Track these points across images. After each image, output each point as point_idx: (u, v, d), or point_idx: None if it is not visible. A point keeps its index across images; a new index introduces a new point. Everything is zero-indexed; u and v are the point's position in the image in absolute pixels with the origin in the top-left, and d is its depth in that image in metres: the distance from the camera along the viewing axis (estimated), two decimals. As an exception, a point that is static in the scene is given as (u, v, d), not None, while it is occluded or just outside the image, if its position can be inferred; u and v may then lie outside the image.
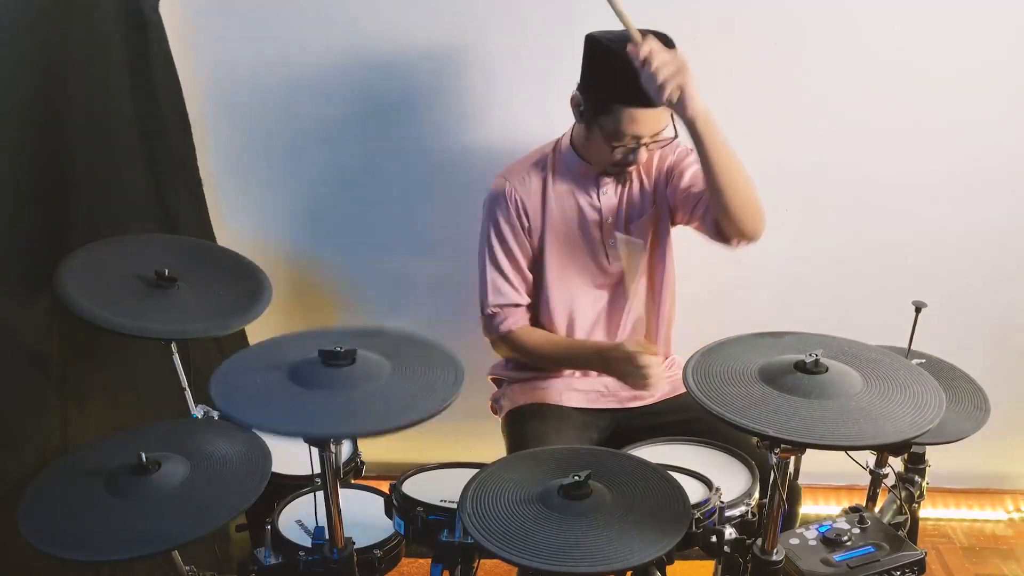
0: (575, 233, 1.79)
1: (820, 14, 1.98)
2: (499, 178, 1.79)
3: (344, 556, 1.32)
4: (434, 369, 1.29)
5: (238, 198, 2.19)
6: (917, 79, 2.03)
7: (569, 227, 1.79)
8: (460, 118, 2.10)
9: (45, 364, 1.65)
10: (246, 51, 2.04)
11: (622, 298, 1.84)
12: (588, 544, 1.13)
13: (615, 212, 1.79)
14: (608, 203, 1.78)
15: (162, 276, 1.63)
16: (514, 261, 1.78)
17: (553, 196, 1.77)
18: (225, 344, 1.90)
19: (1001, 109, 2.06)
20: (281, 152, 2.15)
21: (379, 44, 2.03)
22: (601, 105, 1.61)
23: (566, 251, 1.80)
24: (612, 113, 1.58)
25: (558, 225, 1.78)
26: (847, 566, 1.29)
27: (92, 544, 1.20)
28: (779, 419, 1.11)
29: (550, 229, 1.78)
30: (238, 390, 1.22)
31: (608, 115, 1.59)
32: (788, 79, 2.04)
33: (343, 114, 2.10)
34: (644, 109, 1.55)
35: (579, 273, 1.82)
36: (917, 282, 2.20)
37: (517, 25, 2.00)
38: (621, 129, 1.59)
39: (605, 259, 1.81)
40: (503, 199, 1.76)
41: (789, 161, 2.12)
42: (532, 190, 1.77)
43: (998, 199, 2.15)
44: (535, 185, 1.77)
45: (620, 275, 1.82)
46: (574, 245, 1.80)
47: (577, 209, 1.78)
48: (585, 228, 1.79)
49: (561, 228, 1.78)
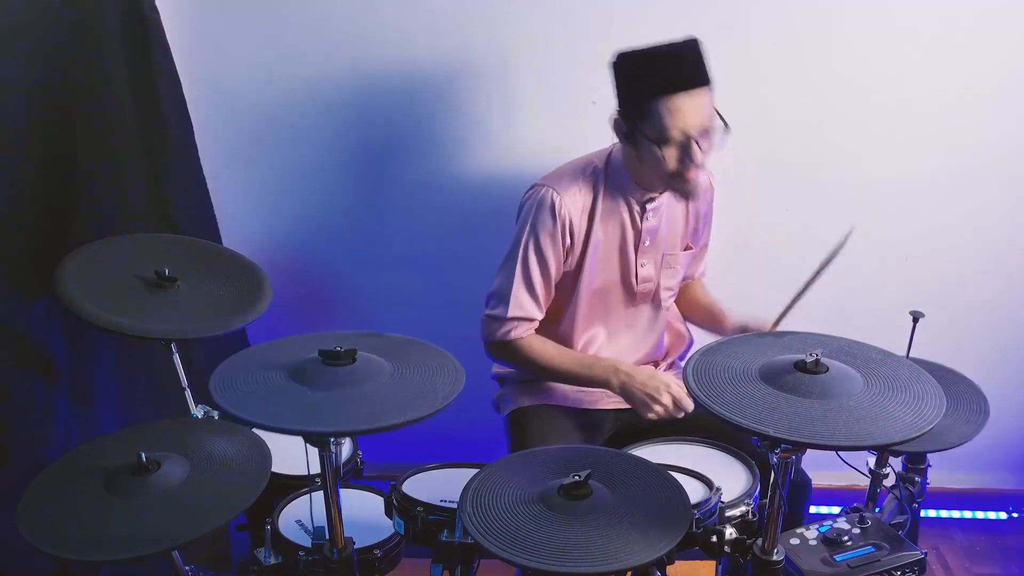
0: (612, 252, 1.77)
1: (820, 14, 1.98)
2: (548, 190, 1.69)
3: (344, 556, 1.32)
4: (434, 370, 1.29)
5: (238, 198, 2.19)
6: (918, 80, 2.03)
7: (608, 246, 1.76)
8: (462, 118, 2.10)
9: (45, 364, 1.65)
10: (247, 50, 2.04)
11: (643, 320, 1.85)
12: (588, 544, 1.13)
13: (654, 235, 1.77)
14: (649, 226, 1.76)
15: (162, 276, 1.63)
16: (547, 278, 1.73)
17: (600, 215, 1.72)
18: (225, 344, 1.90)
19: (1002, 111, 2.05)
20: (282, 152, 2.15)
21: (380, 43, 2.03)
22: (641, 110, 1.57)
23: (599, 269, 1.77)
24: (652, 114, 1.55)
25: (598, 244, 1.74)
26: (847, 566, 1.29)
27: (92, 544, 1.20)
28: (779, 419, 1.11)
29: (590, 249, 1.73)
30: (238, 387, 1.22)
31: (649, 119, 1.55)
32: (788, 79, 2.04)
33: (344, 114, 2.10)
34: (682, 94, 1.53)
35: (607, 291, 1.80)
36: (917, 282, 2.20)
37: (518, 28, 2.00)
38: (666, 126, 1.54)
39: (634, 279, 1.79)
40: (551, 213, 1.68)
41: (789, 161, 2.12)
42: (581, 207, 1.70)
43: (998, 201, 2.15)
44: (585, 202, 1.71)
45: (644, 295, 1.82)
46: (608, 263, 1.77)
47: (620, 229, 1.75)
48: (623, 248, 1.77)
49: (600, 247, 1.75)
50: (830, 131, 2.09)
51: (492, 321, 1.77)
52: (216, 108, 2.08)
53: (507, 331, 1.75)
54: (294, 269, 2.26)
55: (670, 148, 1.57)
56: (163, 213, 1.97)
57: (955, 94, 2.04)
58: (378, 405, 1.19)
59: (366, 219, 2.22)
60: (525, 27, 2.00)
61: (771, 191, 2.16)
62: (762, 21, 1.99)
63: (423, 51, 2.03)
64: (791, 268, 2.22)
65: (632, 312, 1.84)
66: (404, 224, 2.22)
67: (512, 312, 1.73)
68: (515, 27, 2.00)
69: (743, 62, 2.00)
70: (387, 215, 2.21)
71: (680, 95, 1.53)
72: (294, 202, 2.21)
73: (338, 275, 2.29)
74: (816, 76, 2.03)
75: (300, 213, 2.22)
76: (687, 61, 1.55)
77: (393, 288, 2.29)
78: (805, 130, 2.09)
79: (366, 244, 2.25)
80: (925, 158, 2.11)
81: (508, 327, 1.75)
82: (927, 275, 2.21)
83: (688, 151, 1.57)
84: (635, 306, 1.84)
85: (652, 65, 1.55)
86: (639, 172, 1.69)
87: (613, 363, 1.74)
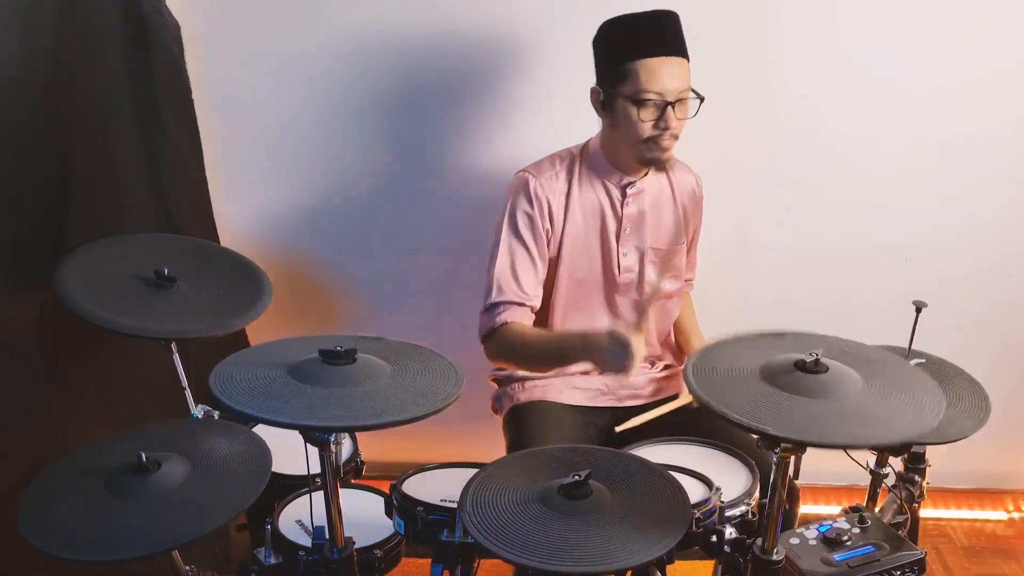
0: (593, 239, 1.77)
1: (820, 14, 1.98)
2: (524, 173, 1.74)
3: (344, 556, 1.32)
4: (434, 372, 1.30)
5: (238, 198, 2.19)
6: (918, 79, 2.03)
7: (588, 233, 1.76)
8: (462, 117, 2.10)
9: (45, 364, 1.65)
10: (247, 50, 2.04)
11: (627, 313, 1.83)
12: (588, 544, 1.13)
13: (635, 223, 1.78)
14: (630, 213, 1.76)
15: (162, 276, 1.63)
16: (531, 259, 1.73)
17: (577, 200, 1.74)
18: (225, 344, 1.90)
19: (1001, 109, 2.06)
20: (282, 152, 2.15)
21: (380, 43, 2.03)
22: (618, 73, 1.61)
23: (580, 257, 1.77)
24: (630, 76, 1.59)
25: (578, 230, 1.75)
26: (847, 566, 1.29)
27: (92, 544, 1.20)
28: (779, 418, 1.11)
29: (569, 234, 1.74)
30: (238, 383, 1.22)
31: (627, 80, 1.60)
32: (788, 79, 2.04)
33: (344, 114, 2.10)
34: (659, 58, 1.59)
35: (589, 280, 1.80)
36: (917, 281, 2.20)
37: (519, 22, 2.00)
38: (642, 87, 1.59)
39: (616, 269, 1.79)
40: (529, 195, 1.71)
41: (789, 161, 2.12)
42: (558, 191, 1.73)
43: (998, 198, 2.15)
44: (561, 186, 1.73)
45: (626, 286, 1.81)
46: (589, 251, 1.78)
47: (599, 215, 1.76)
48: (604, 235, 1.77)
49: (580, 234, 1.75)
50: (830, 130, 2.09)
51: (483, 314, 1.75)
52: (216, 107, 2.08)
53: (494, 318, 1.72)
54: (294, 269, 2.27)
55: (646, 109, 1.61)
56: (163, 213, 1.97)
57: (956, 93, 2.04)
58: (378, 403, 1.19)
59: (366, 219, 2.22)
60: (525, 27, 2.00)
61: (771, 191, 2.16)
62: (762, 20, 1.99)
63: (423, 51, 2.03)
64: (791, 268, 2.24)
65: (615, 304, 1.83)
66: (404, 224, 2.22)
67: (495, 296, 1.72)
68: (515, 27, 2.00)
69: (743, 62, 2.01)
70: (387, 215, 2.21)
71: (659, 59, 1.59)
72: (294, 202, 2.21)
73: (338, 275, 2.29)
74: (816, 75, 2.03)
75: (300, 213, 2.22)
76: (668, 30, 1.62)
77: (393, 288, 2.30)
78: (805, 130, 2.09)
79: (366, 244, 2.25)
80: (926, 157, 2.11)
81: (495, 314, 1.72)
82: (927, 273, 2.21)
83: (663, 115, 1.61)
84: (618, 298, 1.82)
85: (634, 28, 1.61)
86: (615, 147, 1.72)
87: (581, 332, 1.70)
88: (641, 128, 1.62)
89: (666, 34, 1.62)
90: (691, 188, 1.87)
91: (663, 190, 1.82)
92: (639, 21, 1.62)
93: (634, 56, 1.59)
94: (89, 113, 1.77)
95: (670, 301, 1.91)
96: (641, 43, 1.60)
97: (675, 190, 1.83)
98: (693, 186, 1.87)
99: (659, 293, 1.83)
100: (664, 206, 1.82)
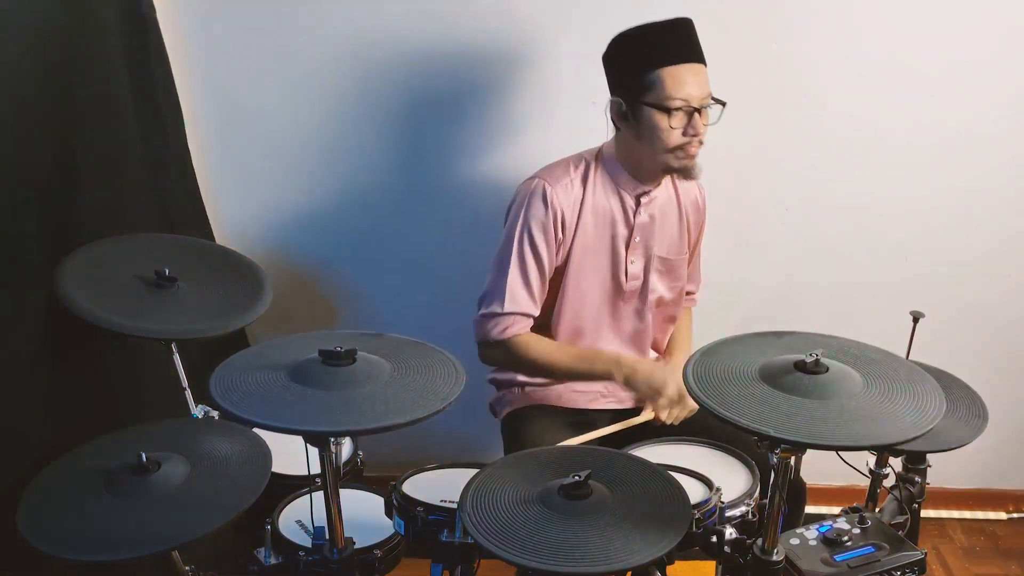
0: (602, 247, 1.77)
1: (820, 14, 1.98)
2: (540, 180, 1.71)
3: (344, 556, 1.32)
4: (434, 369, 1.29)
5: (238, 198, 2.19)
6: (918, 79, 2.03)
7: (598, 241, 1.76)
8: (461, 119, 2.10)
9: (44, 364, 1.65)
10: (246, 49, 2.04)
11: (629, 320, 1.84)
12: (588, 544, 1.13)
13: (645, 232, 1.77)
14: (641, 222, 1.76)
15: (162, 276, 1.63)
16: (541, 272, 1.73)
17: (590, 208, 1.73)
18: (225, 344, 1.90)
19: (1002, 110, 2.05)
20: (281, 152, 2.15)
21: (380, 43, 2.03)
22: (643, 82, 1.59)
23: (588, 264, 1.77)
24: (656, 84, 1.58)
25: (588, 238, 1.74)
26: (847, 566, 1.29)
27: (92, 544, 1.20)
28: (779, 419, 1.11)
29: (579, 242, 1.74)
30: (238, 387, 1.22)
31: (652, 89, 1.59)
32: (788, 79, 2.04)
33: (343, 113, 2.10)
34: (682, 65, 1.58)
35: (594, 287, 1.79)
36: (916, 283, 2.21)
37: (519, 27, 2.00)
38: (669, 94, 1.57)
39: (623, 276, 1.79)
40: (544, 204, 1.69)
41: (789, 161, 2.12)
42: (572, 200, 1.71)
43: (998, 202, 2.15)
44: (576, 194, 1.72)
45: (631, 294, 1.82)
46: (598, 259, 1.77)
47: (611, 223, 1.75)
48: (613, 243, 1.77)
49: (591, 242, 1.75)
50: (830, 130, 2.09)
51: (486, 320, 1.74)
52: (216, 107, 2.08)
53: (503, 329, 1.73)
54: (294, 269, 2.27)
55: (675, 117, 1.59)
56: (162, 213, 1.97)
57: (956, 93, 2.04)
58: (379, 405, 1.19)
59: (366, 219, 2.22)
60: (525, 27, 2.00)
61: (771, 191, 2.16)
62: (762, 21, 1.99)
63: (422, 51, 2.03)
64: (791, 268, 2.24)
65: (619, 311, 1.83)
66: (404, 224, 2.22)
67: (508, 307, 1.71)
68: (515, 27, 2.00)
69: (743, 62, 2.00)
70: (387, 215, 2.21)
71: (683, 65, 1.58)
72: (294, 202, 2.21)
73: (338, 275, 2.29)
74: (816, 75, 2.03)
75: (300, 213, 2.22)
76: (686, 37, 1.62)
77: (393, 288, 2.29)
78: (805, 130, 2.09)
79: (366, 244, 2.25)
80: (925, 157, 2.11)
81: (504, 324, 1.73)
82: (927, 275, 2.21)
83: (691, 121, 1.60)
84: (623, 305, 1.83)
85: (653, 38, 1.60)
86: (636, 158, 1.70)
87: (616, 356, 1.75)
88: (670, 136, 1.61)
89: (687, 41, 1.61)
90: (695, 197, 1.87)
91: (670, 199, 1.82)
92: (660, 29, 1.60)
93: (658, 64, 1.58)
94: (89, 113, 1.76)
95: (668, 310, 1.90)
96: (664, 51, 1.59)
97: (680, 199, 1.83)
98: (696, 195, 1.87)
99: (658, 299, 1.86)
100: (670, 215, 1.82)
